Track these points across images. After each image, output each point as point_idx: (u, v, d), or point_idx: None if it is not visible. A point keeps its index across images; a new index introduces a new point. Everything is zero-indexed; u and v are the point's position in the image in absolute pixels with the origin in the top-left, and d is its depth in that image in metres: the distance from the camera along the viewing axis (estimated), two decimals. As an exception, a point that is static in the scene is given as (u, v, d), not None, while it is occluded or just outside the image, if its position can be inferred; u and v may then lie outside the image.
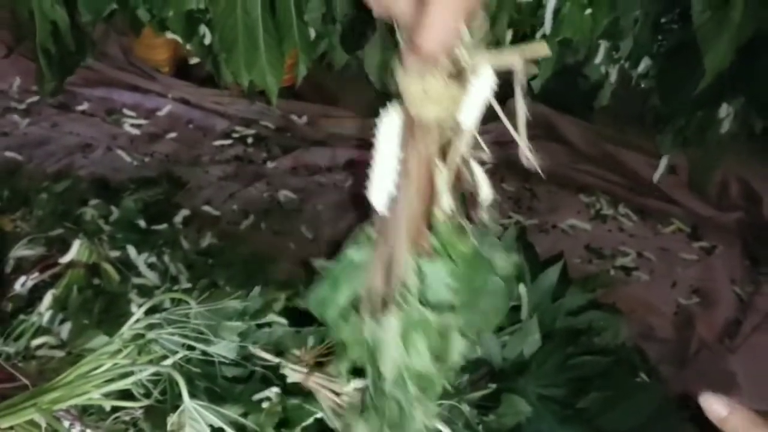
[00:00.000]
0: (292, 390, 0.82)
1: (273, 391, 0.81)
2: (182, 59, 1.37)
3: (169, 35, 1.05)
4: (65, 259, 0.94)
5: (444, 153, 0.47)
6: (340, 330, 0.59)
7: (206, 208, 1.12)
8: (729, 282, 1.10)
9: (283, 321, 0.88)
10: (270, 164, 1.22)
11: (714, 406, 0.43)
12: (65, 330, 0.87)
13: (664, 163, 1.16)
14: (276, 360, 0.81)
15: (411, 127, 0.47)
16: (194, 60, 1.24)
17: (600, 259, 1.13)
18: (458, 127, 0.46)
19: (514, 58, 0.43)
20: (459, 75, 0.44)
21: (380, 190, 0.49)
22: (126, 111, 1.30)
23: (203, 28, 1.02)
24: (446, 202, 0.49)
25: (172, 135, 1.26)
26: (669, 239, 1.17)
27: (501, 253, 0.54)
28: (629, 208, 1.22)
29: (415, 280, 0.51)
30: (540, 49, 0.44)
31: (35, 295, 0.91)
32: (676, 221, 1.20)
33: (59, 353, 0.84)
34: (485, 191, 0.51)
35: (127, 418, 0.80)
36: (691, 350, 0.98)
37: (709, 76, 0.88)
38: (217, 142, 1.26)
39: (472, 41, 0.44)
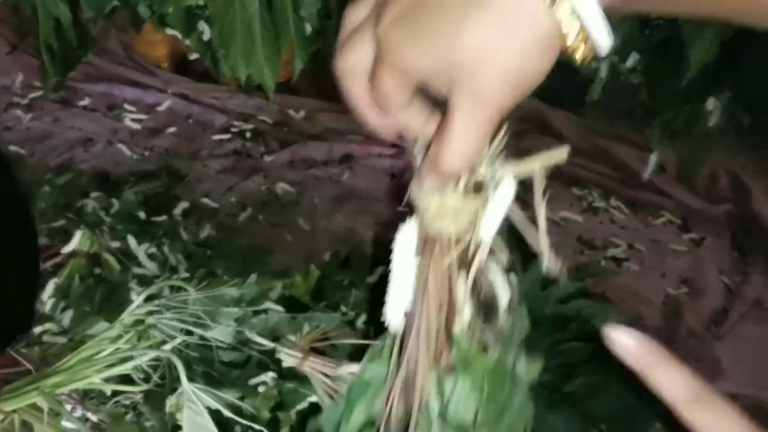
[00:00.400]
0: (288, 374, 0.84)
1: (269, 376, 0.83)
2: (181, 55, 1.40)
3: (169, 31, 1.07)
4: (67, 249, 0.96)
5: (463, 263, 0.46)
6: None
7: (205, 200, 1.14)
8: (717, 272, 1.12)
9: (279, 308, 0.90)
10: (268, 158, 1.24)
11: (620, 338, 0.40)
12: (67, 317, 0.89)
13: (653, 159, 1.18)
14: (272, 345, 0.84)
15: (428, 240, 0.45)
16: (193, 56, 1.26)
17: (591, 250, 1.15)
18: (479, 239, 0.45)
19: (535, 167, 0.44)
20: (478, 188, 0.44)
21: (396, 305, 0.47)
22: (126, 106, 1.32)
23: (202, 24, 1.05)
24: (467, 314, 0.47)
25: (172, 129, 1.28)
26: (659, 231, 1.19)
27: (523, 359, 0.52)
28: (621, 200, 1.24)
29: (437, 399, 0.49)
30: (560, 154, 0.44)
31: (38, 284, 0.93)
32: (666, 213, 1.22)
33: (61, 339, 0.86)
34: (504, 296, 0.50)
35: (127, 402, 0.83)
36: (679, 338, 1.00)
37: (694, 69, 0.90)
38: (216, 137, 1.28)
39: (492, 154, 0.44)
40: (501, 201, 0.44)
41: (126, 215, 1.06)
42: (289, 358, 0.84)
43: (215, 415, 0.78)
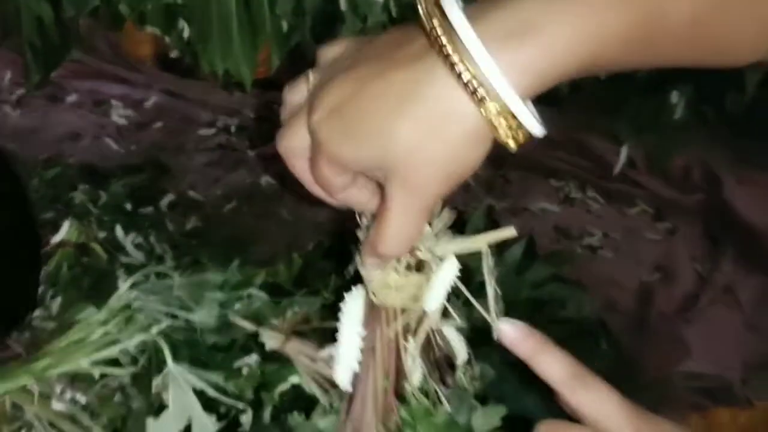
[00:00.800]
0: (271, 357, 0.87)
1: (252, 358, 0.86)
2: (167, 54, 1.42)
3: (149, 29, 1.10)
4: (56, 239, 0.99)
5: (411, 329, 0.48)
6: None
7: (191, 193, 1.16)
8: (690, 260, 1.15)
9: (263, 294, 0.93)
10: (252, 152, 1.27)
11: (508, 329, 0.44)
12: (56, 304, 0.92)
13: (624, 152, 1.22)
14: (255, 328, 0.86)
15: (374, 309, 0.48)
16: (174, 53, 1.29)
17: (567, 239, 1.18)
18: (424, 311, 0.47)
19: (481, 245, 0.46)
20: (420, 266, 0.46)
21: (344, 367, 0.49)
22: (113, 102, 1.35)
23: (182, 22, 1.07)
24: (417, 377, 0.50)
25: (158, 124, 1.31)
26: (634, 220, 1.23)
27: (480, 413, 0.56)
28: (597, 191, 1.27)
29: None
30: (507, 233, 0.46)
31: (27, 273, 0.96)
32: (640, 203, 1.25)
33: (51, 325, 0.89)
34: (461, 355, 0.52)
35: (114, 384, 0.85)
36: (650, 321, 1.04)
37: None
38: (201, 131, 1.31)
39: (432, 234, 0.46)
40: (444, 278, 0.46)
41: (113, 207, 1.09)
42: (271, 340, 0.87)
43: (200, 394, 0.80)
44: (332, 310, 0.94)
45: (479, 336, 0.85)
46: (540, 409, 0.85)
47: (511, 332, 0.44)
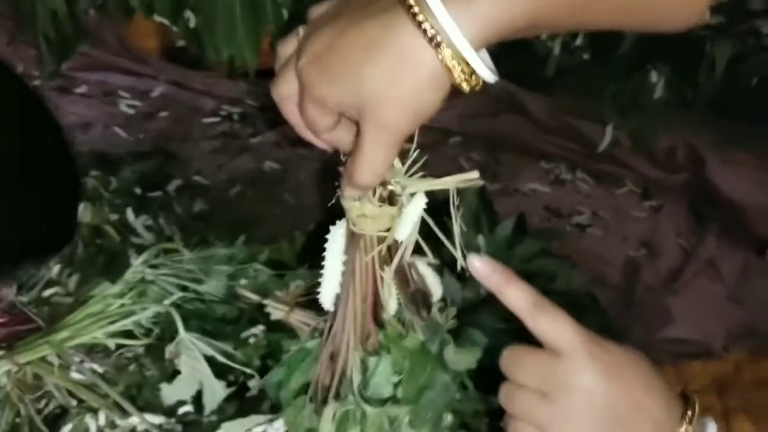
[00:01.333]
0: (276, 327, 0.91)
1: (259, 328, 0.91)
2: (171, 46, 1.47)
3: (157, 18, 1.15)
4: (71, 221, 1.04)
5: (387, 260, 0.54)
6: (290, 413, 0.64)
7: (197, 178, 1.21)
8: (675, 236, 1.20)
9: (268, 270, 0.98)
10: (255, 139, 1.32)
11: (479, 264, 0.48)
12: (73, 281, 0.96)
13: (608, 132, 1.27)
14: (260, 299, 0.91)
15: (354, 238, 0.54)
16: (180, 43, 1.34)
17: (557, 217, 1.23)
18: (397, 240, 0.53)
19: (448, 185, 0.51)
20: (392, 198, 0.52)
21: (329, 290, 0.56)
22: (121, 93, 1.39)
23: (188, 12, 1.12)
24: (393, 304, 0.56)
25: (165, 114, 1.35)
26: (621, 199, 1.28)
27: (453, 348, 0.59)
28: (586, 172, 1.32)
29: (358, 375, 0.56)
30: (472, 176, 0.52)
31: (44, 253, 1.00)
32: (628, 183, 1.30)
33: (68, 300, 0.94)
34: (435, 290, 0.58)
35: (129, 355, 0.90)
36: (637, 294, 1.09)
37: (628, 42, 0.98)
38: (206, 120, 1.35)
39: (403, 170, 0.52)
40: (413, 210, 0.52)
41: (124, 191, 1.13)
42: (276, 311, 0.91)
43: (210, 361, 0.85)
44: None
45: (471, 303, 0.90)
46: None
47: (480, 266, 0.48)
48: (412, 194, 0.52)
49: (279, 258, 1.01)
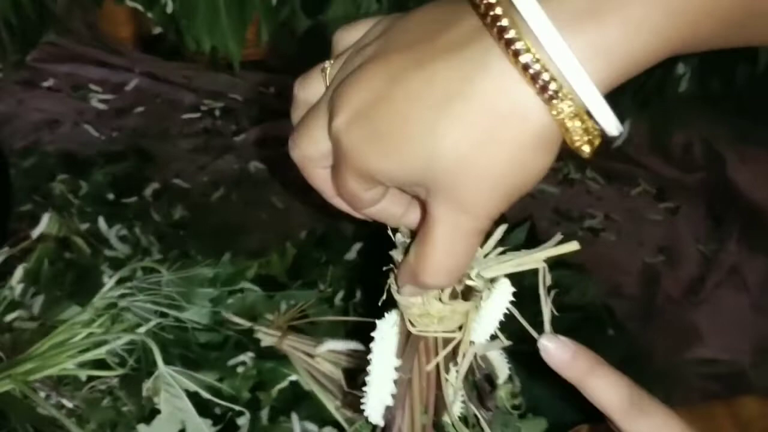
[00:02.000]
0: (267, 354, 0.83)
1: (248, 356, 0.82)
2: (147, 34, 1.36)
3: (130, 3, 1.04)
4: (35, 233, 0.94)
5: (452, 358, 0.42)
6: None
7: (176, 180, 1.11)
8: (693, 240, 1.13)
9: (256, 288, 0.89)
10: (239, 136, 1.22)
11: (554, 349, 0.38)
12: (38, 303, 0.87)
13: (626, 127, 1.18)
14: (249, 324, 0.83)
15: (412, 341, 0.41)
16: (157, 30, 1.23)
17: (568, 221, 1.15)
18: (470, 342, 0.41)
19: (538, 262, 0.39)
20: (468, 294, 0.39)
21: (376, 400, 0.43)
22: (92, 86, 1.29)
23: (165, -3, 1.02)
24: (458, 409, 0.44)
25: (140, 109, 1.25)
26: (635, 201, 1.20)
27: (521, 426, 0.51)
28: (597, 171, 1.24)
29: None
30: (571, 247, 0.40)
31: (6, 269, 0.91)
32: (642, 183, 1.22)
33: (32, 325, 0.84)
34: (502, 371, 0.47)
35: (102, 387, 0.81)
36: (657, 306, 1.01)
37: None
38: (186, 116, 1.25)
39: (482, 255, 0.40)
40: (497, 305, 0.40)
41: (95, 197, 1.04)
42: (267, 337, 0.83)
43: (194, 397, 0.77)
44: (329, 303, 0.91)
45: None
46: (550, 400, 0.82)
47: (557, 352, 0.38)
48: (492, 280, 0.39)
49: (268, 273, 0.93)
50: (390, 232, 0.40)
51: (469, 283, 0.39)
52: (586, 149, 0.30)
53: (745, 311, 1.02)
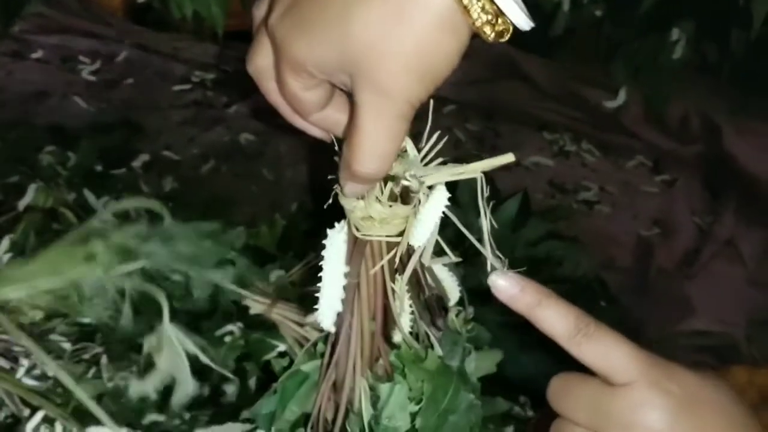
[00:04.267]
0: (255, 323, 0.82)
1: (236, 325, 0.82)
2: (137, 4, 1.35)
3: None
4: (22, 204, 0.93)
5: (398, 267, 0.44)
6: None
7: (166, 153, 1.10)
8: (689, 213, 1.12)
9: (245, 258, 0.88)
10: (230, 108, 1.21)
11: (503, 284, 0.40)
12: (24, 273, 0.86)
13: (622, 94, 1.17)
14: (239, 291, 0.82)
15: (358, 244, 0.43)
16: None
17: (562, 194, 1.14)
18: (411, 245, 0.42)
19: (475, 172, 0.40)
20: (407, 195, 0.41)
21: (328, 307, 0.45)
22: (82, 58, 1.27)
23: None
24: (406, 319, 0.46)
25: (130, 81, 1.24)
26: (631, 173, 1.19)
27: (474, 356, 0.52)
28: (592, 143, 1.23)
29: (368, 406, 0.46)
30: (506, 159, 0.41)
31: (-8, 241, 0.90)
32: (637, 155, 1.21)
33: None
34: (453, 293, 0.49)
35: (86, 357, 0.80)
36: (650, 278, 1.00)
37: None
38: (176, 87, 1.24)
39: (419, 159, 0.41)
40: (434, 208, 0.41)
41: (83, 169, 1.02)
42: (256, 305, 0.82)
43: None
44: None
45: (472, 295, 0.81)
46: (539, 371, 0.81)
47: (505, 287, 0.40)
48: (430, 187, 0.41)
49: (257, 244, 0.92)
50: (337, 145, 0.41)
51: (404, 183, 0.40)
52: (489, 32, 0.32)
53: (740, 283, 1.01)
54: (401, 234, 0.42)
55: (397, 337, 0.46)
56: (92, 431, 0.74)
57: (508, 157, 0.41)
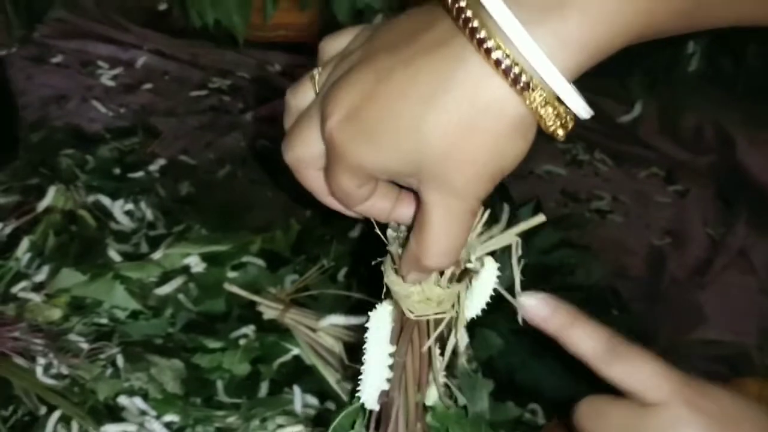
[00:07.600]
0: (269, 327, 0.83)
1: (250, 328, 0.83)
2: (152, 10, 1.37)
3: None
4: (42, 206, 0.95)
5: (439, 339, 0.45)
6: None
7: (183, 157, 1.12)
8: (702, 223, 1.12)
9: (260, 262, 0.89)
10: (246, 114, 1.22)
11: (533, 306, 0.41)
12: (43, 273, 0.87)
13: (637, 107, 1.17)
14: (252, 297, 0.83)
15: (407, 326, 0.44)
16: (162, 6, 1.23)
17: (575, 202, 1.14)
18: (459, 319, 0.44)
19: (512, 238, 0.42)
20: (463, 275, 0.42)
21: (373, 387, 0.45)
22: (101, 63, 1.29)
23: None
24: (441, 383, 0.47)
25: (147, 86, 1.26)
26: (644, 183, 1.19)
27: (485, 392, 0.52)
28: (605, 153, 1.23)
29: None
30: (536, 220, 0.43)
31: (12, 241, 0.91)
32: (651, 165, 1.21)
33: (36, 296, 0.85)
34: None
35: (102, 356, 0.81)
36: (662, 288, 1.00)
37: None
38: (193, 93, 1.25)
39: (475, 239, 0.42)
40: (486, 283, 0.43)
41: (101, 172, 1.04)
42: (269, 310, 0.83)
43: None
44: (332, 279, 0.91)
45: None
46: (550, 378, 0.82)
47: (536, 308, 0.41)
48: (478, 259, 0.42)
49: (272, 248, 0.93)
50: (378, 231, 0.43)
51: (468, 266, 0.41)
52: (560, 132, 0.33)
53: (752, 294, 1.01)
54: (451, 308, 0.43)
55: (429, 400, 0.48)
56: (108, 429, 0.76)
57: (539, 218, 0.43)
